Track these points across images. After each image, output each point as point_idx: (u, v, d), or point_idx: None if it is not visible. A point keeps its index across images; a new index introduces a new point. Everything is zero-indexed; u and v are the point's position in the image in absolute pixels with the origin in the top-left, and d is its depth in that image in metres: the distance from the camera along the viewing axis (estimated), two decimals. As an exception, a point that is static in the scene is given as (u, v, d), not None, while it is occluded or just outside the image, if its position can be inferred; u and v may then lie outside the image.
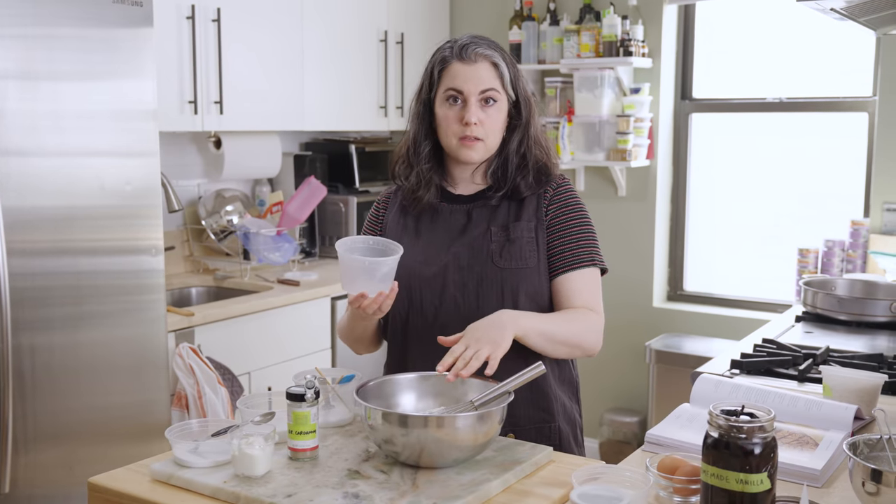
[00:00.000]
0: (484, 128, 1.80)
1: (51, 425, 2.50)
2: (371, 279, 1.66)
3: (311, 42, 3.74)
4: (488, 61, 1.80)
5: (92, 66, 2.52)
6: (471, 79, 1.78)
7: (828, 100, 3.83)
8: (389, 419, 1.46)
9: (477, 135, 1.79)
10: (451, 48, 1.82)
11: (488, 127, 1.80)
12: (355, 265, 1.66)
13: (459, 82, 1.79)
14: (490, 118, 1.80)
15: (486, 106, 1.80)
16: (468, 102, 1.78)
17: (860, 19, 2.63)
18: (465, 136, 1.79)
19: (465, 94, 1.79)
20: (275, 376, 3.25)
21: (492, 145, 1.83)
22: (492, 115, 1.80)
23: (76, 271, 2.53)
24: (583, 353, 1.82)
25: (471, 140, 1.79)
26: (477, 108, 1.78)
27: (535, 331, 1.72)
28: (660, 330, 4.10)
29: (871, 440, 1.40)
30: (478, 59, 1.79)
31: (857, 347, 2.46)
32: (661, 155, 4.09)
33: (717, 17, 4.08)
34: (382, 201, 1.98)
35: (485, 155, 1.83)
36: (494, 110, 1.81)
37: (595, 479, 1.37)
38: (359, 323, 1.85)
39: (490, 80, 1.79)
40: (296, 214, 3.69)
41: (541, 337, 1.73)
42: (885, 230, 3.57)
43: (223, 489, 1.42)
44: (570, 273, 1.81)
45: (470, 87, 1.78)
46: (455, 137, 1.81)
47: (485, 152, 1.83)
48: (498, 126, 1.83)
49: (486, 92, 1.79)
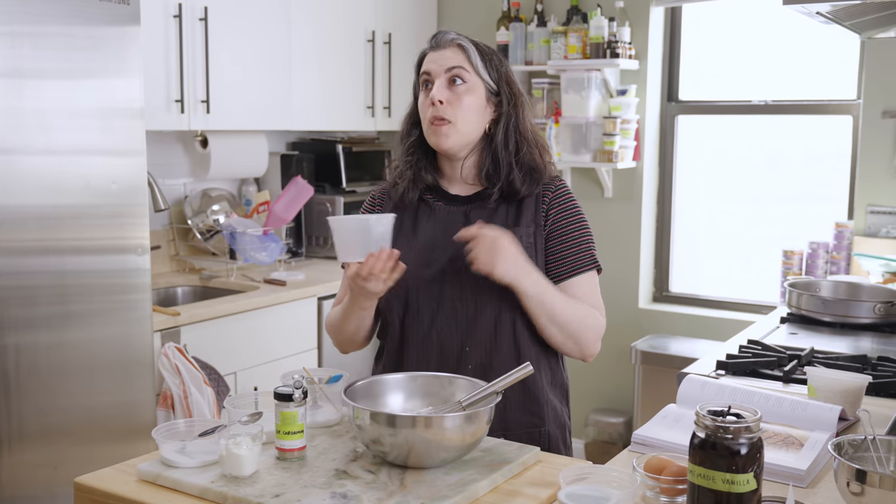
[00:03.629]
0: (452, 108, 1.78)
1: (36, 425, 2.48)
2: (367, 243, 1.64)
3: (299, 42, 3.73)
4: (455, 44, 1.82)
5: (78, 65, 2.51)
6: (437, 60, 1.81)
7: (813, 102, 3.86)
8: (377, 419, 1.46)
9: (444, 115, 1.78)
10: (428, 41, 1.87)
11: (457, 108, 1.79)
12: (349, 227, 1.65)
13: (427, 65, 1.82)
14: (459, 99, 1.79)
15: (454, 86, 1.79)
16: (434, 84, 1.80)
17: (845, 23, 2.65)
18: (433, 116, 1.79)
19: (432, 75, 1.81)
20: (261, 376, 3.24)
21: (465, 130, 1.80)
22: (460, 95, 1.79)
23: (62, 270, 2.52)
24: (575, 347, 1.80)
25: (438, 121, 1.79)
26: (442, 87, 1.79)
27: (538, 297, 1.73)
28: (645, 331, 4.12)
29: (856, 441, 1.41)
30: (446, 43, 1.83)
31: (842, 349, 2.48)
32: (647, 156, 4.10)
33: (704, 20, 4.10)
34: (376, 199, 1.96)
35: (457, 140, 1.80)
36: (464, 91, 1.79)
37: (582, 479, 1.37)
38: (356, 312, 1.81)
39: (456, 60, 1.80)
40: (282, 214, 3.69)
41: (539, 305, 1.74)
42: (868, 232, 3.59)
43: (210, 489, 1.42)
44: (574, 278, 1.82)
45: (435, 67, 1.80)
46: (427, 122, 1.81)
47: (457, 137, 1.80)
48: (470, 109, 1.80)
49: (451, 70, 1.79)
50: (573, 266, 1.82)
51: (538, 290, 1.73)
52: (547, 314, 1.75)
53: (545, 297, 1.74)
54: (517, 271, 1.71)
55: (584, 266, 1.83)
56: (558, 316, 1.76)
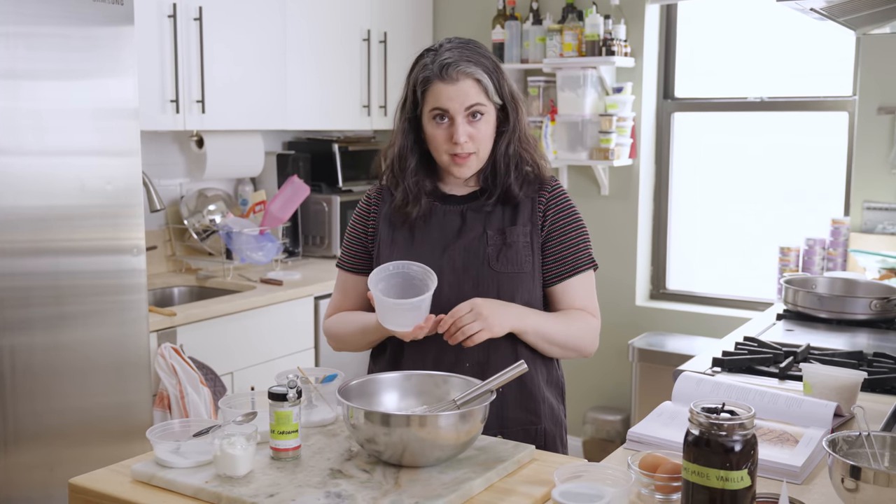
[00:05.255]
0: (475, 142, 1.80)
1: (32, 426, 2.48)
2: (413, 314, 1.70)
3: (294, 41, 3.72)
4: (471, 78, 1.77)
5: (72, 65, 2.50)
6: (455, 97, 1.77)
7: (808, 99, 3.86)
8: (372, 418, 1.46)
9: (468, 150, 1.80)
10: (432, 66, 1.78)
11: (479, 140, 1.80)
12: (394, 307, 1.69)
13: (444, 101, 1.77)
14: (479, 132, 1.80)
15: (474, 121, 1.79)
16: (455, 121, 1.78)
17: (840, 19, 2.64)
18: (456, 153, 1.79)
19: (450, 112, 1.78)
20: (258, 376, 3.24)
21: (484, 155, 1.84)
22: (481, 128, 1.80)
23: (56, 271, 2.51)
24: (578, 355, 1.87)
25: (462, 157, 1.80)
26: (465, 125, 1.78)
27: (535, 331, 1.78)
28: (642, 328, 4.12)
29: (851, 437, 1.41)
30: (460, 77, 1.77)
31: (838, 345, 2.48)
32: (643, 154, 4.10)
33: (699, 17, 4.10)
34: (373, 198, 1.95)
35: (478, 166, 1.84)
36: (482, 123, 1.80)
37: (577, 477, 1.37)
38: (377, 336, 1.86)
39: (475, 96, 1.78)
40: (279, 214, 3.69)
41: (539, 337, 1.80)
42: (865, 228, 3.59)
43: (205, 489, 1.42)
44: (572, 279, 1.85)
45: (455, 105, 1.77)
46: (446, 155, 1.81)
47: (477, 164, 1.84)
48: (487, 136, 1.82)
49: (472, 107, 1.78)
50: (572, 266, 1.85)
51: (536, 327, 1.79)
52: (547, 342, 1.82)
53: (543, 329, 1.80)
54: (513, 320, 1.76)
55: (581, 266, 1.86)
56: (558, 340, 1.83)
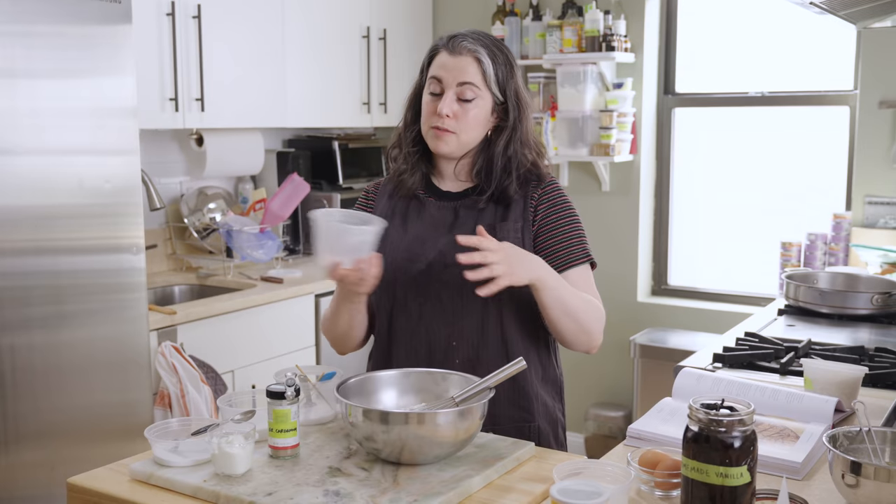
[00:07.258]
0: (457, 122, 1.78)
1: (32, 426, 2.48)
2: (346, 247, 1.62)
3: (293, 38, 3.72)
4: (472, 56, 1.78)
5: (71, 64, 2.50)
6: (451, 69, 1.78)
7: (809, 94, 3.85)
8: (370, 416, 1.46)
9: (448, 127, 1.78)
10: (444, 38, 1.83)
11: (462, 122, 1.79)
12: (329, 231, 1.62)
13: (440, 70, 1.79)
14: (466, 114, 1.79)
15: (463, 101, 1.78)
16: (445, 93, 1.78)
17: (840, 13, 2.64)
18: (437, 126, 1.79)
19: (443, 83, 1.79)
20: (259, 374, 3.24)
21: (466, 141, 1.81)
22: (468, 111, 1.79)
23: (56, 270, 2.51)
24: (586, 338, 1.78)
25: (441, 130, 1.79)
26: (452, 101, 1.78)
27: (554, 289, 1.70)
28: (644, 324, 4.11)
29: (851, 432, 1.41)
30: (463, 51, 1.79)
31: (839, 340, 2.47)
32: (644, 150, 4.09)
33: (700, 12, 4.08)
34: (370, 194, 1.96)
35: (457, 149, 1.82)
36: (472, 107, 1.79)
37: (576, 474, 1.36)
38: (344, 307, 1.80)
39: (470, 75, 1.78)
40: (279, 212, 3.68)
41: (555, 299, 1.71)
42: (866, 223, 3.58)
43: (203, 488, 1.41)
44: (567, 272, 1.80)
45: (448, 77, 1.78)
46: (428, 125, 1.81)
47: (457, 147, 1.81)
48: (475, 123, 1.80)
49: (463, 85, 1.78)
50: (566, 259, 1.81)
51: (556, 287, 1.72)
52: (562, 307, 1.73)
53: (561, 291, 1.72)
54: (539, 270, 1.69)
55: (576, 259, 1.82)
56: (571, 307, 1.74)
